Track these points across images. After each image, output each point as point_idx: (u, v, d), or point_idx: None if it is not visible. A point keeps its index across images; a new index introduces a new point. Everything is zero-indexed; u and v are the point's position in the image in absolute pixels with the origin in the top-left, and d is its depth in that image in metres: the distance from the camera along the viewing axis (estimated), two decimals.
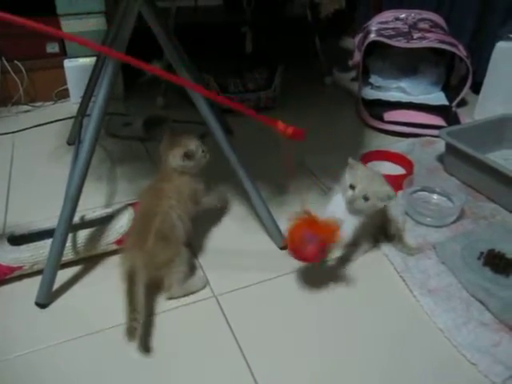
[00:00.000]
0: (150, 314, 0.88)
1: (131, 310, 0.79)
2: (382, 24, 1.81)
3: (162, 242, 0.87)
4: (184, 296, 0.91)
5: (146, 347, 0.81)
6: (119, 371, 0.78)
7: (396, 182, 1.20)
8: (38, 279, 0.90)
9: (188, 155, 0.95)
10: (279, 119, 0.82)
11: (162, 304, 0.90)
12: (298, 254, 0.85)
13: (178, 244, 0.91)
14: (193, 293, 0.92)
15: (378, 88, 1.79)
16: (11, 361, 0.79)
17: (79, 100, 1.45)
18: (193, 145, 0.97)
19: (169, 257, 0.88)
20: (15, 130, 1.57)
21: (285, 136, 0.81)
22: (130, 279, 0.85)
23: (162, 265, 0.88)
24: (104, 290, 0.93)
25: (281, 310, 0.89)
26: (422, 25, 1.76)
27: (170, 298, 0.91)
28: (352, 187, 0.89)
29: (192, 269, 0.96)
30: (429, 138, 1.50)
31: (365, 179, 0.89)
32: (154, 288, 0.91)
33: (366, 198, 0.88)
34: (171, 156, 0.95)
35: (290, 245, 0.85)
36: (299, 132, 0.82)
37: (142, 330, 0.79)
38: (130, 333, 0.77)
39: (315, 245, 0.82)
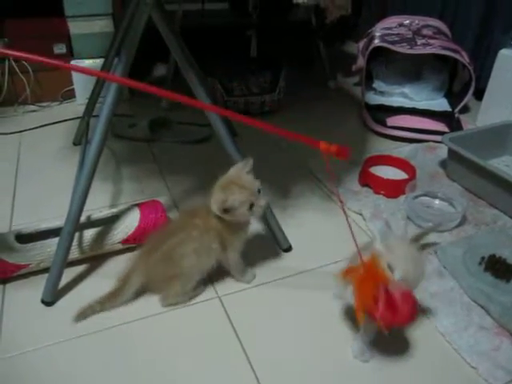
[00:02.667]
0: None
1: (102, 301, 0.87)
2: (386, 30, 1.82)
3: (165, 262, 0.87)
4: (176, 304, 0.91)
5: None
6: (123, 370, 0.79)
7: (398, 187, 1.22)
8: (44, 277, 0.91)
9: (227, 210, 0.84)
10: (283, 122, 0.83)
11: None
12: (392, 319, 0.70)
13: (183, 272, 0.88)
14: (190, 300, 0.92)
15: (382, 93, 1.81)
16: (18, 357, 0.80)
17: (85, 101, 1.47)
18: (238, 198, 0.83)
19: (166, 278, 0.88)
20: (22, 129, 1.59)
21: (329, 154, 0.76)
22: (125, 279, 0.88)
23: (158, 282, 0.89)
24: (109, 289, 0.94)
25: (284, 311, 0.90)
26: (425, 31, 1.77)
27: (166, 306, 0.91)
28: (389, 267, 0.72)
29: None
30: (431, 143, 1.51)
31: (408, 263, 0.72)
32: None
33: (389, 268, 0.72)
34: (212, 200, 0.85)
35: (374, 312, 0.70)
36: (344, 150, 0.76)
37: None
38: (83, 314, 0.86)
39: (406, 301, 0.70)
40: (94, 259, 1.01)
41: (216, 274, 0.98)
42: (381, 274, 0.71)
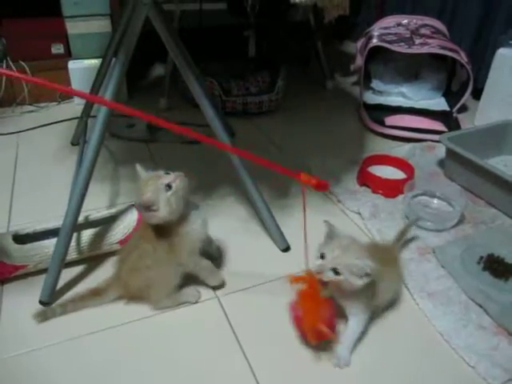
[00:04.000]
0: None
1: (73, 300, 0.87)
2: (384, 29, 1.82)
3: (134, 273, 0.86)
4: (171, 307, 0.90)
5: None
6: (122, 370, 0.79)
7: (397, 187, 1.22)
8: (42, 278, 0.91)
9: (148, 207, 0.80)
10: (281, 122, 0.83)
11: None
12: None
13: (152, 282, 0.86)
14: (181, 304, 0.91)
15: (380, 93, 1.81)
16: (16, 358, 0.80)
17: (83, 101, 1.46)
18: (150, 191, 0.80)
19: (141, 287, 0.87)
20: (19, 130, 1.58)
21: (309, 186, 0.77)
22: (99, 291, 0.89)
23: (135, 292, 0.89)
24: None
25: (283, 311, 0.90)
26: (423, 31, 1.77)
27: (159, 309, 0.90)
28: (322, 257, 0.76)
29: (187, 282, 0.93)
30: (429, 142, 1.51)
31: (338, 249, 0.76)
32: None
33: (336, 272, 0.74)
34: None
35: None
36: (323, 183, 0.77)
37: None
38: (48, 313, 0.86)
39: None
40: (92, 260, 1.00)
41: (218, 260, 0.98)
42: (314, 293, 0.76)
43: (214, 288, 0.93)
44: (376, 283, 0.79)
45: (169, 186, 0.81)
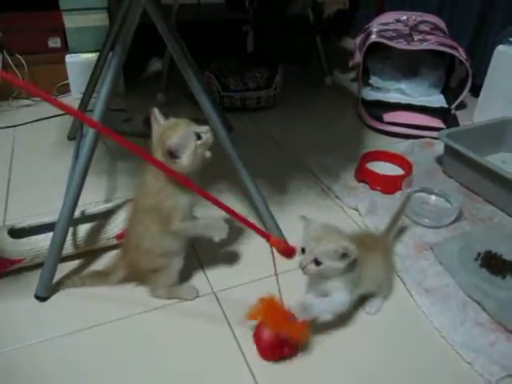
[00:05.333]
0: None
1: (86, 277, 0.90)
2: (383, 25, 1.81)
3: (142, 254, 0.86)
4: (167, 298, 0.90)
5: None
6: (117, 365, 0.78)
7: (395, 183, 1.22)
8: (37, 272, 0.90)
9: (172, 152, 0.75)
10: (279, 118, 0.82)
11: (161, 299, 0.90)
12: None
13: (161, 257, 0.85)
14: (177, 298, 0.90)
15: (378, 89, 1.80)
16: (12, 352, 0.80)
17: (80, 95, 1.45)
18: (180, 136, 0.75)
19: (149, 268, 0.87)
20: (16, 124, 1.57)
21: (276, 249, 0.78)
22: (106, 273, 0.90)
23: (142, 273, 0.89)
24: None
25: None
26: (422, 27, 1.77)
27: (154, 297, 0.90)
28: (303, 251, 0.77)
29: (184, 277, 0.93)
30: (428, 139, 1.51)
31: (312, 241, 0.75)
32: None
33: (317, 262, 0.75)
34: (154, 152, 0.78)
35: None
36: (290, 249, 0.79)
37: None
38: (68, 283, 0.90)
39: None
40: (88, 254, 1.00)
41: (211, 270, 0.98)
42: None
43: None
44: (358, 265, 0.78)
45: (198, 136, 0.76)
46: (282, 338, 0.77)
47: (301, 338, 0.78)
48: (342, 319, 0.87)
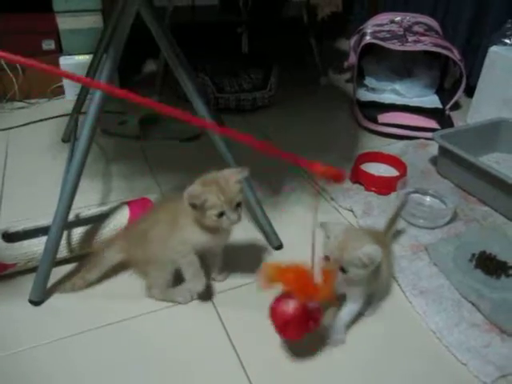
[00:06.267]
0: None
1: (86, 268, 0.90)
2: (377, 26, 1.82)
3: (141, 241, 0.86)
4: (162, 301, 0.90)
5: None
6: (111, 369, 0.78)
7: (389, 184, 1.22)
8: (31, 277, 0.90)
9: (194, 204, 0.78)
10: (274, 119, 0.81)
11: (157, 301, 0.90)
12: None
13: (152, 257, 0.86)
14: (171, 301, 0.90)
15: (373, 90, 1.81)
16: (5, 358, 0.79)
17: (74, 97, 1.45)
18: (210, 199, 0.77)
19: (143, 260, 0.87)
20: (10, 126, 1.56)
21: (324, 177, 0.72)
22: (99, 252, 0.91)
23: (137, 262, 0.89)
24: (98, 289, 0.93)
25: None
26: (416, 28, 1.77)
27: (149, 297, 0.90)
28: (327, 258, 0.77)
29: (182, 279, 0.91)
30: (422, 140, 1.51)
31: (337, 249, 0.76)
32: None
33: (343, 270, 0.76)
34: (188, 189, 0.79)
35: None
36: (339, 174, 0.72)
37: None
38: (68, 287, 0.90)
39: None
40: (83, 258, 0.99)
41: (206, 273, 0.97)
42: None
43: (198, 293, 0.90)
44: (380, 266, 0.79)
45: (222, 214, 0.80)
46: (308, 309, 0.73)
47: (331, 301, 0.76)
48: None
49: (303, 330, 0.74)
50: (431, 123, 1.58)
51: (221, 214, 0.79)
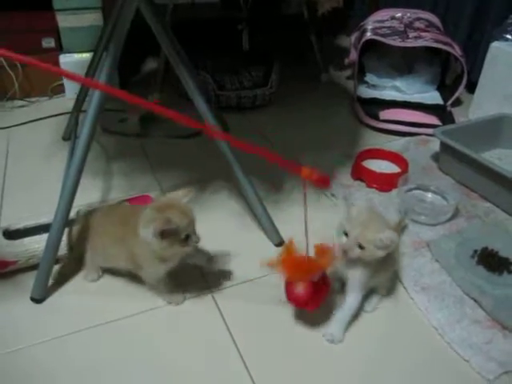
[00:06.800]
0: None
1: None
2: (378, 23, 1.81)
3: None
4: (160, 295, 0.90)
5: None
6: (113, 367, 0.78)
7: (391, 181, 1.22)
8: (33, 274, 0.90)
9: (166, 232, 0.75)
10: (274, 116, 0.81)
11: (158, 299, 0.90)
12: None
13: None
14: (163, 298, 0.90)
15: (374, 87, 1.80)
16: (7, 356, 0.79)
17: (74, 95, 1.45)
18: (180, 222, 0.76)
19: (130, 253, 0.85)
20: (10, 125, 1.56)
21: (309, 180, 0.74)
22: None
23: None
24: (99, 285, 0.93)
25: (276, 306, 0.90)
26: (417, 24, 1.77)
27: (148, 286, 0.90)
28: (346, 234, 0.80)
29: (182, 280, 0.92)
30: (424, 136, 1.51)
31: (358, 226, 0.79)
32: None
33: (360, 247, 0.79)
34: (143, 223, 0.76)
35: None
36: (325, 178, 0.75)
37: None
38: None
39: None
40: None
41: (208, 269, 0.97)
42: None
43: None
44: (389, 256, 0.82)
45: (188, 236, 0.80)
46: (314, 282, 0.79)
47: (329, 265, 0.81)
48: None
49: (320, 298, 0.81)
50: (432, 119, 1.57)
51: (187, 237, 0.78)
